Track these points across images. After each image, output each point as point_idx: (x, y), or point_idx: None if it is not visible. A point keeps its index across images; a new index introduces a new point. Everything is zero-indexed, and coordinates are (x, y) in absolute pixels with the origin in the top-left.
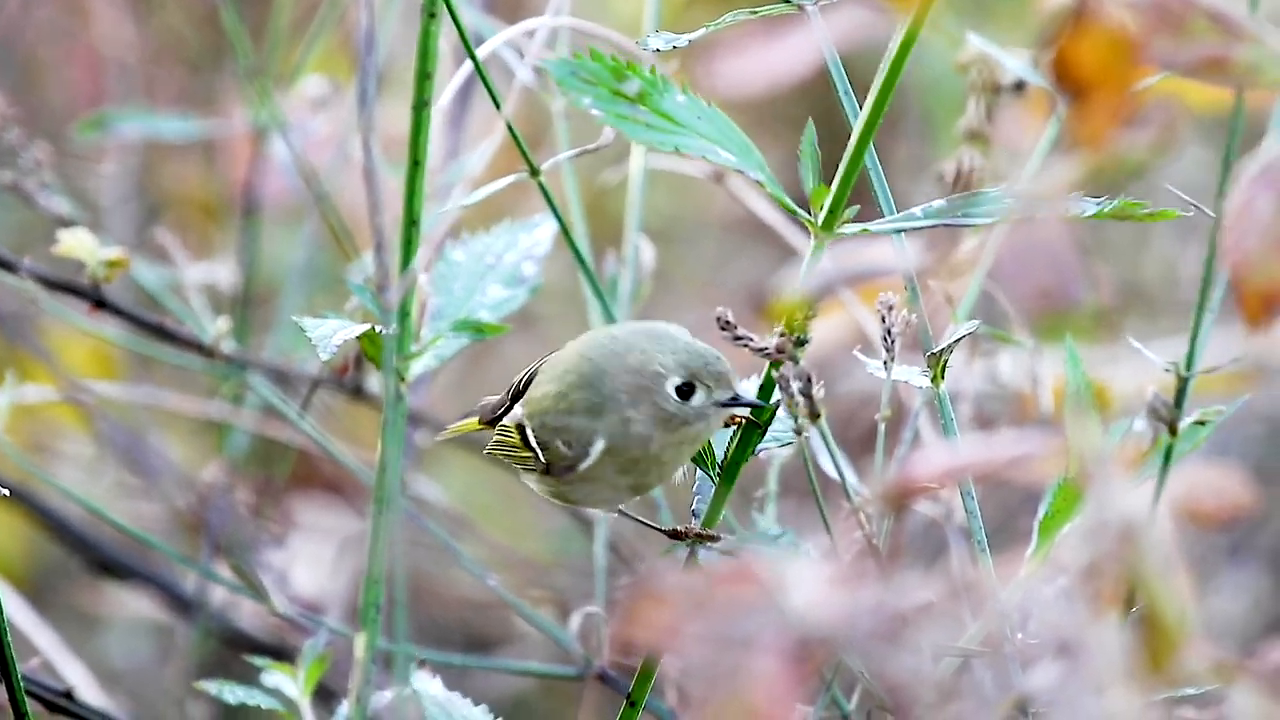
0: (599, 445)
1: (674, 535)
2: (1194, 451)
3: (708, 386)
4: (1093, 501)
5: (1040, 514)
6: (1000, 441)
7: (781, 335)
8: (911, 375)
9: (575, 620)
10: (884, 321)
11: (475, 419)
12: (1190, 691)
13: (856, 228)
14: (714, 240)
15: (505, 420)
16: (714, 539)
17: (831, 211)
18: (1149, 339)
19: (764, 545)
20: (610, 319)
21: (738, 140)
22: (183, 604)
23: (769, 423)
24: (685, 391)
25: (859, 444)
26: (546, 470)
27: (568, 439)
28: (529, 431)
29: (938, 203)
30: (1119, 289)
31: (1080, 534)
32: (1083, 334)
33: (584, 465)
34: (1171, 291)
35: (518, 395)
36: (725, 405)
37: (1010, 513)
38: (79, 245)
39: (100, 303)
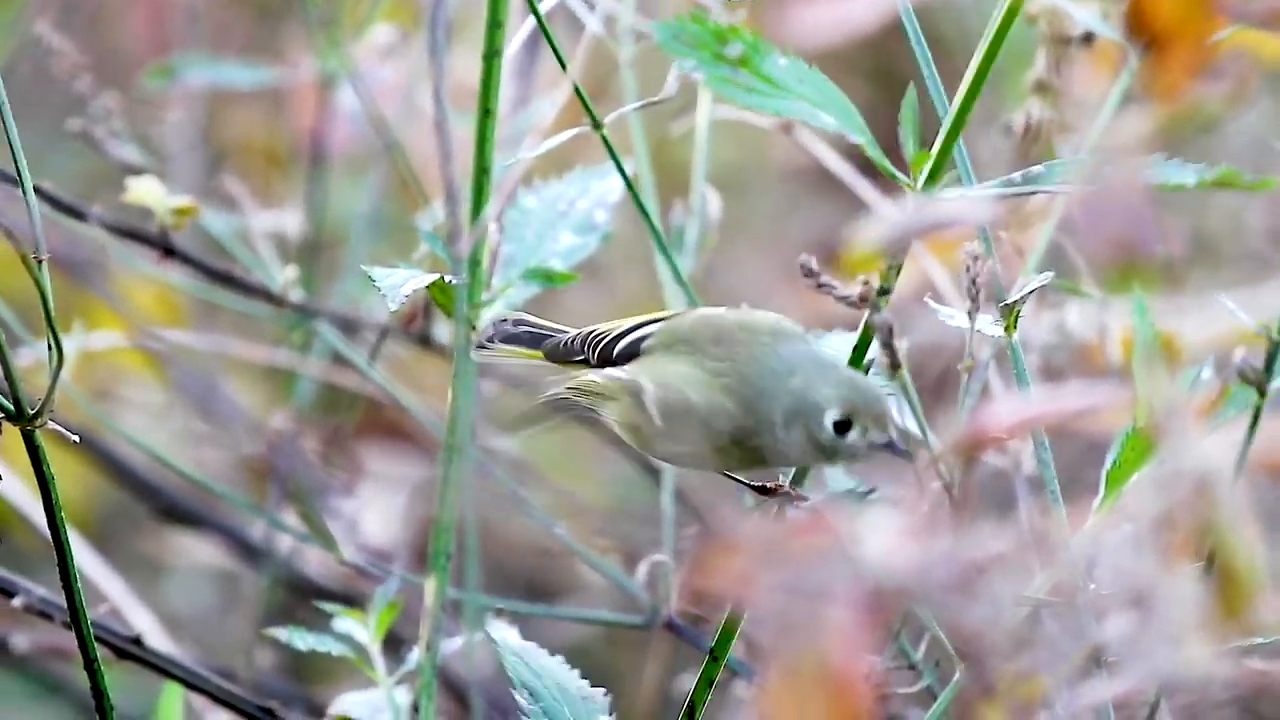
0: (727, 435)
1: (763, 492)
2: (1270, 405)
3: (864, 426)
4: (1166, 452)
5: (1108, 464)
6: (1070, 392)
7: (865, 284)
8: (985, 325)
9: (642, 569)
10: (969, 271)
11: (533, 350)
12: (1261, 641)
13: (956, 192)
14: (776, 191)
15: (612, 373)
16: (802, 499)
17: (931, 176)
18: (1213, 291)
19: (849, 502)
20: (675, 272)
21: (839, 103)
22: (250, 551)
23: (867, 370)
24: (842, 426)
25: (926, 394)
26: (654, 435)
27: (701, 425)
28: (648, 398)
29: (1035, 169)
30: (1186, 240)
31: (1152, 484)
32: (1152, 285)
33: (709, 448)
34: (1236, 243)
35: (607, 352)
36: (878, 448)
37: (1074, 465)
38: (147, 193)
39: (169, 250)
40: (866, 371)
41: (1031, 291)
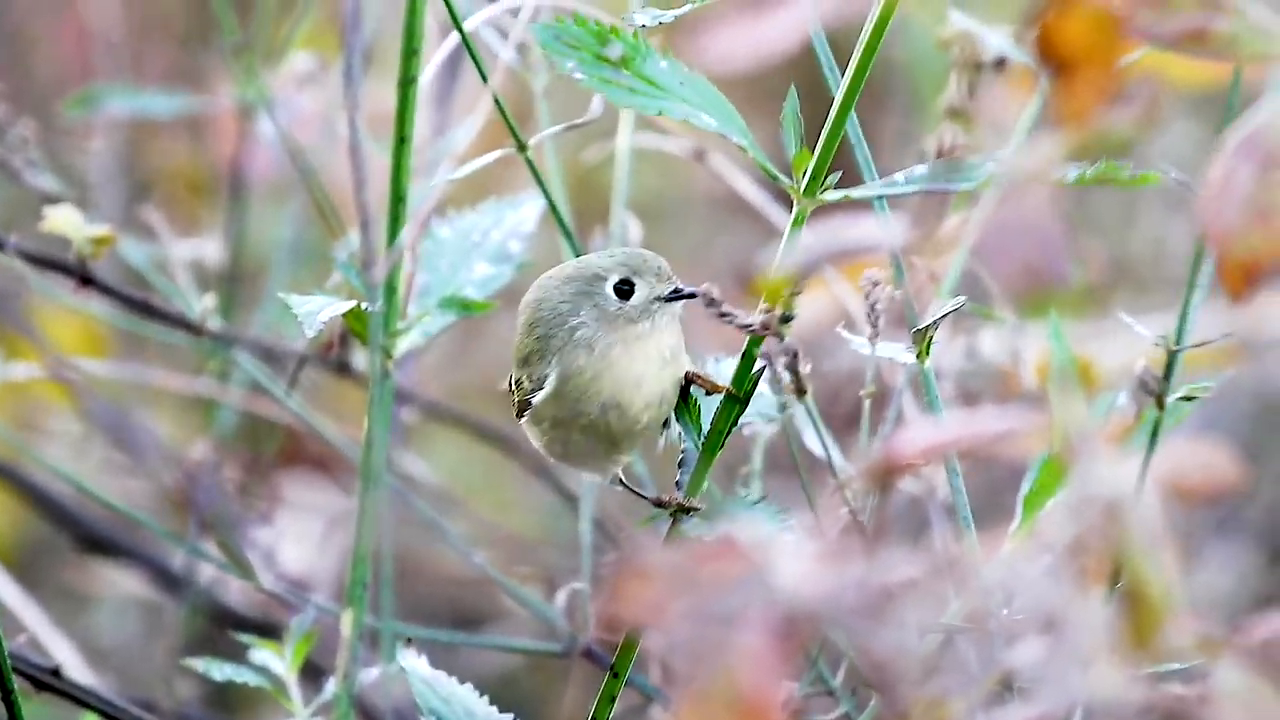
0: (553, 374)
1: (658, 504)
2: (1181, 427)
3: (649, 283)
4: (1077, 476)
5: (1024, 489)
6: (984, 417)
7: (767, 311)
8: (896, 352)
9: (561, 597)
10: (869, 298)
11: None
12: (1175, 667)
13: (838, 194)
14: (699, 217)
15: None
16: (696, 510)
17: (814, 178)
18: (1137, 315)
19: (744, 514)
20: None
21: (720, 106)
22: (170, 581)
23: (750, 394)
24: (625, 291)
25: (843, 421)
26: (520, 413)
27: (530, 372)
28: (511, 377)
29: (918, 169)
30: (1107, 265)
31: (1065, 509)
32: (1069, 310)
33: (539, 397)
34: (1159, 267)
35: None
36: (668, 299)
37: (995, 489)
38: (65, 222)
39: (86, 280)
40: (752, 389)
41: (943, 317)
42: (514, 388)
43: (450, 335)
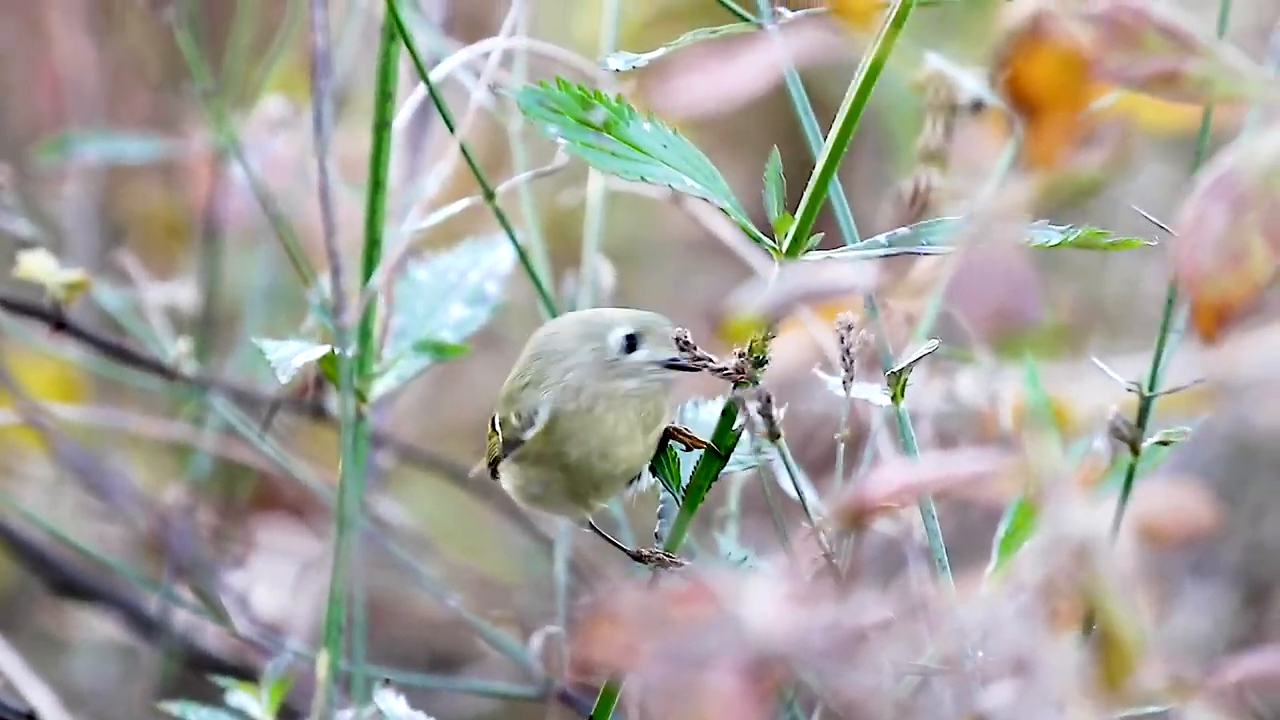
0: (544, 411)
1: (637, 558)
2: (1155, 470)
3: (653, 346)
4: (1049, 519)
5: (1000, 532)
6: (959, 460)
7: (740, 355)
8: (871, 394)
9: (536, 640)
10: (842, 341)
11: None
12: (1148, 710)
13: (821, 255)
14: (674, 260)
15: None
16: (675, 564)
17: (795, 240)
18: (1111, 357)
19: (725, 569)
20: None
21: (703, 168)
22: (146, 625)
23: (731, 449)
24: (628, 346)
25: (819, 463)
26: (503, 454)
27: (519, 409)
28: (495, 417)
29: (902, 230)
30: (1080, 307)
31: (1037, 552)
32: (1042, 352)
33: (529, 433)
34: (1133, 309)
35: None
36: (665, 366)
37: (972, 532)
38: (39, 267)
39: (61, 324)
40: (733, 445)
41: (918, 359)
42: (497, 427)
43: (427, 378)
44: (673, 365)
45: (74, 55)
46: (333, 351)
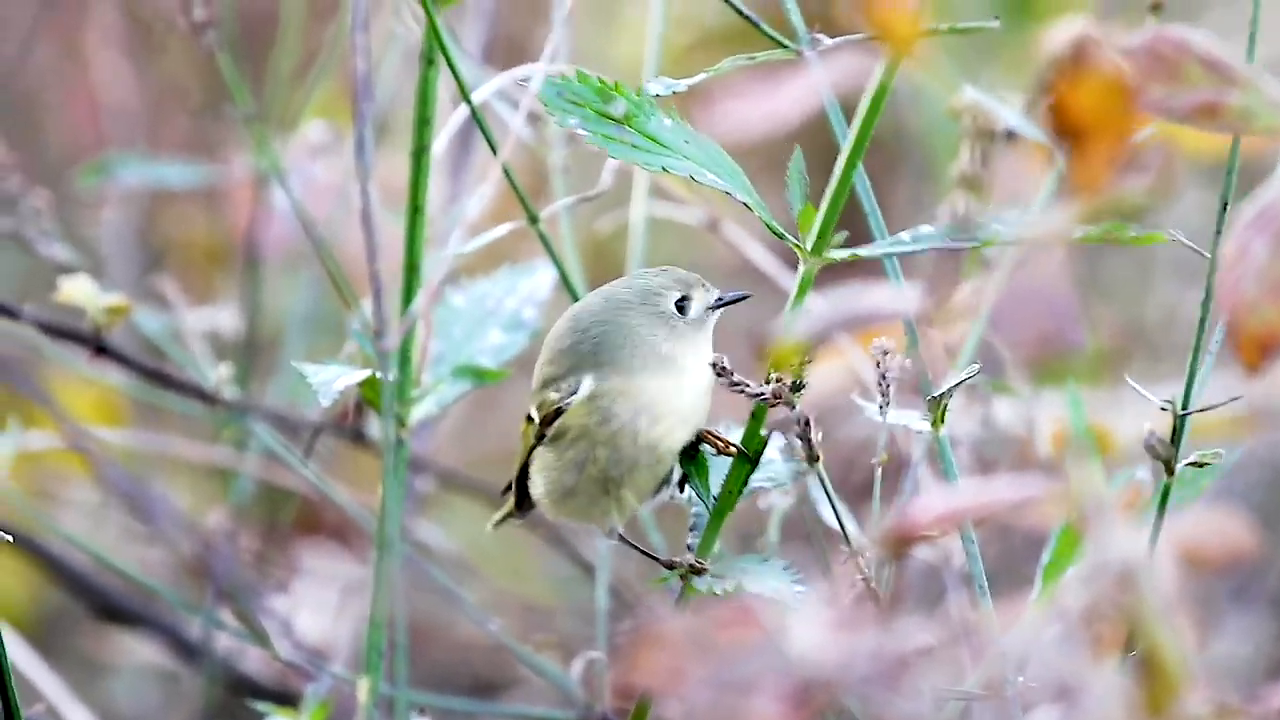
0: (587, 382)
1: (669, 566)
2: (1196, 497)
3: (700, 295)
4: (1092, 545)
5: (1044, 559)
6: (999, 486)
7: (778, 380)
8: (911, 420)
9: (577, 665)
10: (879, 366)
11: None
12: None
13: (845, 252)
14: (715, 285)
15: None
16: (704, 570)
17: (820, 236)
18: (1151, 382)
19: (756, 571)
20: None
21: (725, 164)
22: (188, 650)
23: (759, 454)
24: (683, 303)
25: (859, 490)
26: (537, 440)
27: (559, 383)
28: (529, 411)
29: (926, 228)
30: (1121, 332)
31: (1080, 578)
32: (1083, 377)
33: (573, 399)
34: (1173, 334)
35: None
36: (717, 305)
37: (1013, 558)
38: (80, 292)
39: (101, 349)
40: (761, 450)
41: (957, 386)
42: (531, 415)
43: (467, 402)
44: (719, 303)
45: (114, 79)
46: (373, 376)
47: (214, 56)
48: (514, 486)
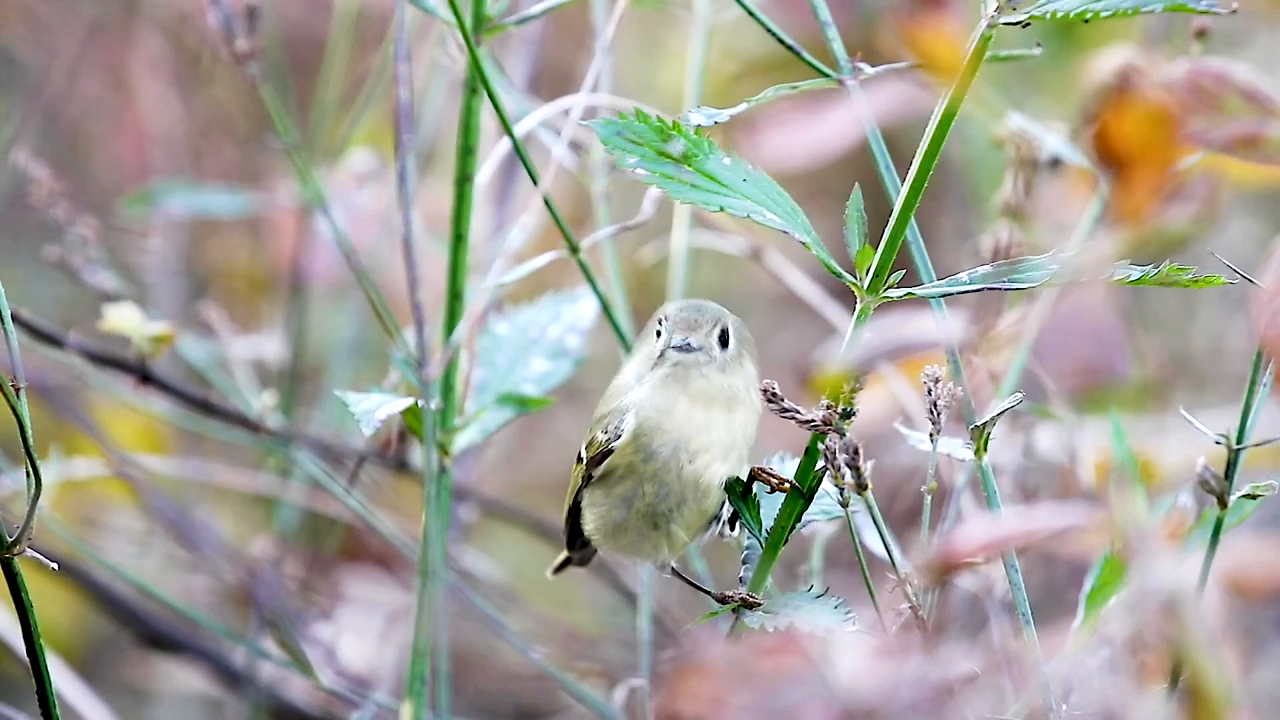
0: (630, 418)
1: (721, 600)
2: (1242, 525)
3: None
4: (1136, 574)
5: (1087, 587)
6: (1042, 514)
7: (827, 408)
8: (955, 448)
9: (620, 693)
10: (929, 394)
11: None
12: None
13: (901, 291)
14: (756, 316)
15: None
16: (758, 604)
17: (877, 275)
18: (1196, 411)
19: (805, 606)
20: None
21: (783, 203)
22: (232, 678)
23: (813, 490)
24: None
25: (902, 517)
26: (586, 479)
27: (605, 425)
28: (580, 452)
29: (983, 268)
30: (1166, 361)
31: (1124, 606)
32: (1127, 406)
33: (618, 443)
34: (1219, 364)
35: None
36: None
37: (1056, 586)
38: (125, 320)
39: (146, 377)
40: (816, 485)
41: (1001, 414)
42: (581, 456)
43: (511, 431)
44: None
45: (160, 108)
46: (416, 404)
47: (258, 86)
48: (565, 527)
